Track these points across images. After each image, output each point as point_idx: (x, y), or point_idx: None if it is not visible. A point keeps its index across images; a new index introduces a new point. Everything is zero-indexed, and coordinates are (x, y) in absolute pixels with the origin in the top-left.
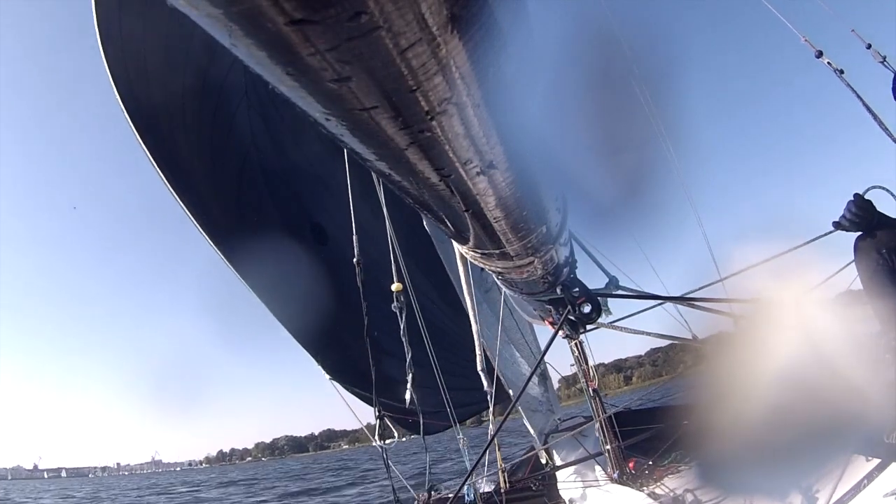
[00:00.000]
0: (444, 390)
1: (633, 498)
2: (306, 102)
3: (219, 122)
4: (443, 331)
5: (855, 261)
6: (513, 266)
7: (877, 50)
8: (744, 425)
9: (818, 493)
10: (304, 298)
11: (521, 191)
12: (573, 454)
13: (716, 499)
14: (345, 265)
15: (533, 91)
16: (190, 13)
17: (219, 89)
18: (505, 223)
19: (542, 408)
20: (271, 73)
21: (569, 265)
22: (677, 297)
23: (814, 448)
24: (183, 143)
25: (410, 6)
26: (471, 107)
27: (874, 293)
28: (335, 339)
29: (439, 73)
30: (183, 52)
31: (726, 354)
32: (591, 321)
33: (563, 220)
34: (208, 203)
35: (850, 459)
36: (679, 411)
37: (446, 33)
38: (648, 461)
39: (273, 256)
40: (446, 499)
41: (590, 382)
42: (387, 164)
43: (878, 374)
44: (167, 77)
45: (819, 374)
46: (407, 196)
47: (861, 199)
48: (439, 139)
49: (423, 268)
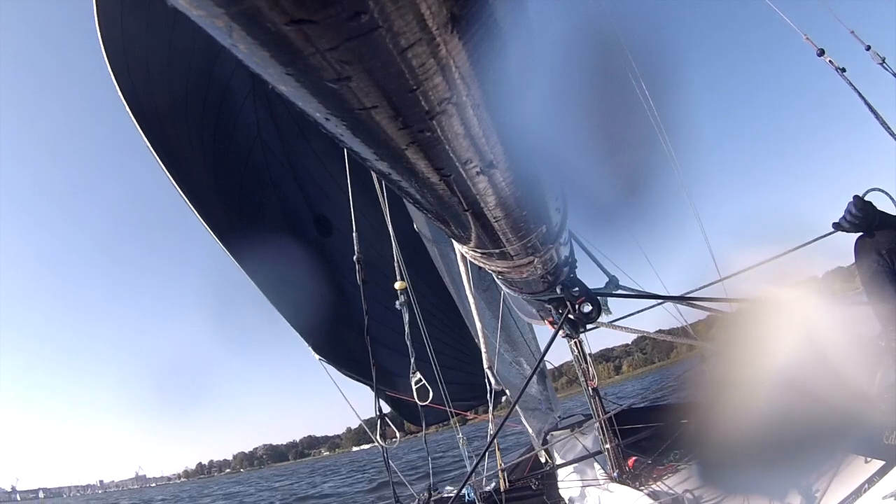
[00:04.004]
0: (444, 389)
1: (632, 497)
2: (306, 102)
3: (224, 116)
4: (443, 324)
5: (855, 262)
6: (513, 266)
7: (876, 52)
8: (743, 425)
9: (817, 494)
10: (304, 287)
11: (521, 191)
12: (572, 453)
13: (715, 498)
14: (349, 257)
15: (533, 91)
16: (189, 13)
17: (225, 85)
18: (505, 223)
19: (541, 406)
20: (271, 73)
21: (569, 265)
22: (677, 296)
23: (813, 448)
24: (186, 137)
25: (410, 6)
26: (471, 107)
27: (874, 293)
28: (333, 327)
29: (439, 73)
30: (188, 48)
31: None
32: (591, 321)
33: (562, 219)
34: (210, 193)
35: (848, 460)
36: (679, 410)
37: (446, 33)
38: (648, 460)
39: (275, 247)
40: (446, 499)
41: (589, 382)
42: (387, 164)
43: (877, 375)
44: (170, 72)
45: (819, 375)
46: (407, 196)
47: (861, 200)
48: (439, 139)
49: (424, 263)
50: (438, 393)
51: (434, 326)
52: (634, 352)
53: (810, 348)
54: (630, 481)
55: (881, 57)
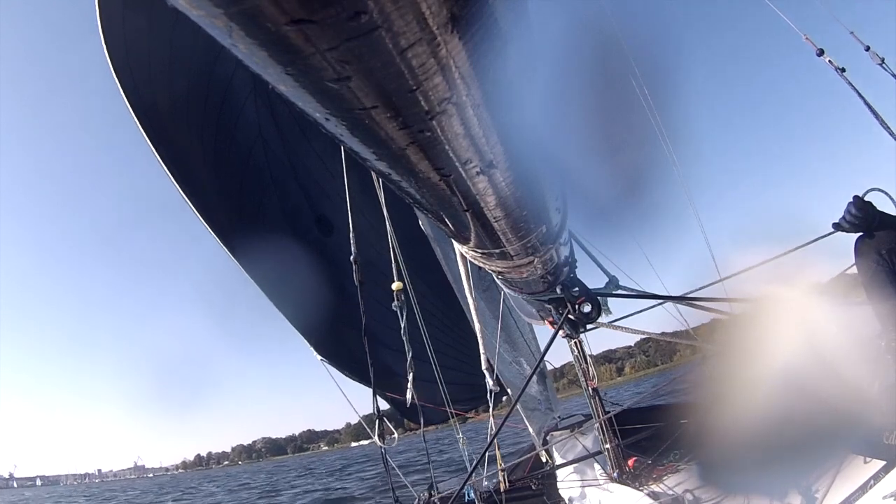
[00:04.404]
0: (443, 387)
1: (632, 497)
2: (306, 102)
3: (225, 116)
4: (443, 324)
5: (855, 262)
6: (512, 266)
7: (875, 52)
8: (744, 425)
9: (817, 494)
10: (305, 287)
11: (521, 190)
12: (572, 453)
13: (715, 498)
14: (349, 257)
15: (533, 91)
16: (190, 13)
17: (226, 85)
18: (505, 223)
19: (540, 406)
20: (271, 73)
21: (569, 265)
22: (677, 296)
23: (813, 448)
24: (187, 136)
25: (410, 6)
26: (471, 107)
27: (874, 294)
28: (334, 327)
29: (439, 73)
30: (189, 47)
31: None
32: (591, 321)
33: (562, 219)
34: (211, 194)
35: (848, 460)
36: (679, 410)
37: (446, 33)
38: (648, 460)
39: (276, 247)
40: (446, 498)
41: (589, 382)
42: (386, 164)
43: (877, 375)
44: (172, 72)
45: (819, 375)
46: (407, 196)
47: (860, 200)
48: (439, 139)
49: (425, 262)
50: (439, 393)
51: (435, 327)
52: (637, 354)
53: (810, 348)
54: (630, 481)
55: (881, 57)
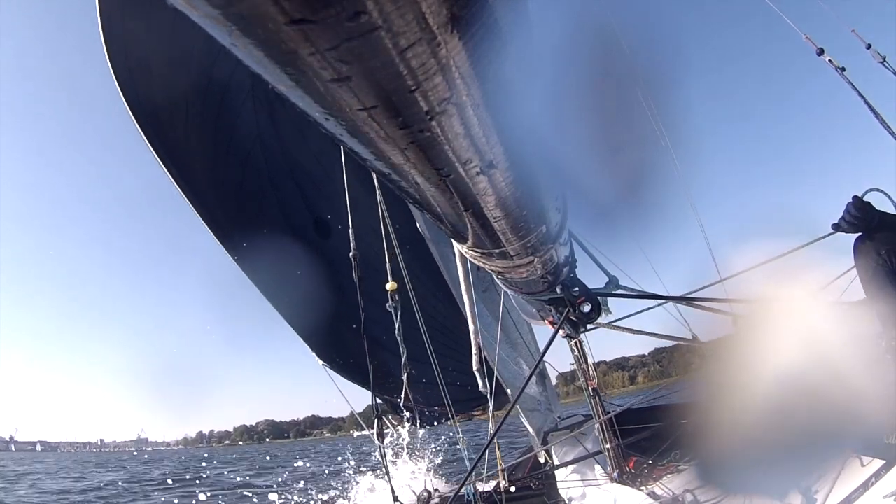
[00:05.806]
0: (444, 387)
1: (632, 497)
2: (306, 102)
3: (223, 118)
4: (444, 325)
5: (855, 262)
6: (512, 266)
7: (876, 50)
8: (744, 425)
9: (817, 494)
10: (304, 290)
11: (521, 190)
12: (572, 453)
13: (715, 498)
14: (347, 259)
15: (533, 91)
16: (189, 13)
17: (224, 87)
18: (505, 223)
19: (540, 407)
20: (271, 73)
21: (569, 265)
22: (678, 296)
23: (813, 448)
24: (185, 137)
25: (410, 6)
26: (471, 107)
27: (874, 294)
28: (334, 330)
29: (439, 73)
30: (187, 49)
31: (727, 355)
32: (591, 321)
33: (562, 219)
34: (210, 195)
35: (849, 460)
36: (679, 410)
37: (446, 33)
38: (648, 460)
39: (274, 248)
40: (446, 498)
41: (589, 382)
42: (386, 164)
43: (878, 375)
44: (171, 73)
45: (819, 375)
46: (406, 195)
47: (860, 201)
48: (439, 139)
49: (426, 263)
50: (439, 393)
51: (434, 329)
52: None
53: (810, 348)
54: (630, 482)
55: (881, 56)
